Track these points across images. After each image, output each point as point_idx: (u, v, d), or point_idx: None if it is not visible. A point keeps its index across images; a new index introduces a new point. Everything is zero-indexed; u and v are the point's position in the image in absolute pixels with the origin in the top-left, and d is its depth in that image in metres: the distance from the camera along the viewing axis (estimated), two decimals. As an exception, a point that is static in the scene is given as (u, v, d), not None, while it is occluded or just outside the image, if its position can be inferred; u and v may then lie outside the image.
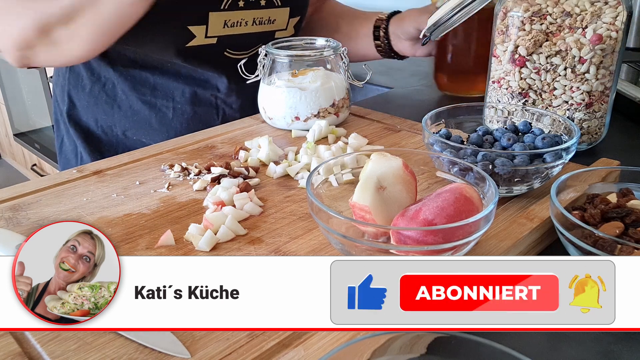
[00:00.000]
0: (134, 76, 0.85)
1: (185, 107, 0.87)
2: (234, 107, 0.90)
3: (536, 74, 0.68)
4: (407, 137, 0.75)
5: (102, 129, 0.88)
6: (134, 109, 0.86)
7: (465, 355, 0.31)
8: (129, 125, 0.87)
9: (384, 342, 0.32)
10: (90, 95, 0.87)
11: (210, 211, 0.55)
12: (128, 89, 0.85)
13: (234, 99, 0.89)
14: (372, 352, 0.31)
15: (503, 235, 0.49)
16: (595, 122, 0.70)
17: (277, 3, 0.87)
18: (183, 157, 0.69)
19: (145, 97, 0.86)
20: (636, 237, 0.46)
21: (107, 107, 0.86)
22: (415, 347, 0.32)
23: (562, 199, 0.51)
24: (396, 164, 0.47)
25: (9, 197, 0.59)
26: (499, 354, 0.30)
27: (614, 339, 0.41)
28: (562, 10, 0.65)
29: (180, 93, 0.87)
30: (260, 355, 0.38)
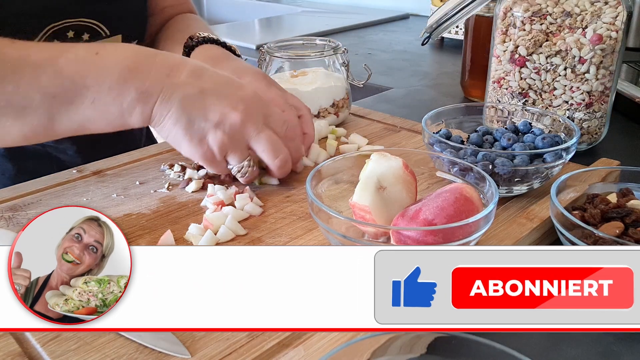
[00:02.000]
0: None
1: (4, 165, 0.72)
2: (69, 153, 0.76)
3: (536, 74, 0.68)
4: (407, 137, 0.75)
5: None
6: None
7: (465, 355, 0.31)
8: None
9: (384, 342, 0.32)
10: None
11: (210, 211, 0.55)
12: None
13: (67, 144, 0.74)
14: (372, 352, 0.31)
15: (503, 235, 0.49)
16: (595, 122, 0.70)
17: (104, 33, 0.70)
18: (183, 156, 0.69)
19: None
20: (636, 237, 0.46)
21: None
22: (415, 347, 0.32)
23: (562, 199, 0.51)
24: (396, 164, 0.47)
25: (9, 197, 0.59)
26: (499, 354, 0.30)
27: (614, 339, 0.41)
28: (562, 10, 0.65)
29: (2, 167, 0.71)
30: (260, 355, 0.38)
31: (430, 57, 1.35)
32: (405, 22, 1.79)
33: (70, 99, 0.49)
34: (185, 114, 0.51)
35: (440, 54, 1.38)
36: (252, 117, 0.54)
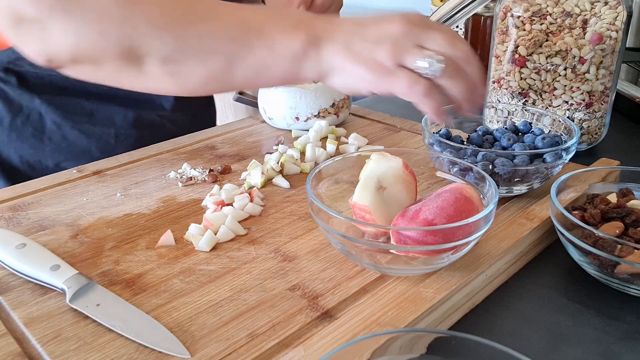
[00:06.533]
0: (65, 104, 0.77)
1: (129, 131, 0.80)
2: (179, 124, 0.85)
3: (536, 74, 0.68)
4: (407, 137, 0.75)
5: (27, 164, 0.77)
6: (68, 140, 0.77)
7: (465, 355, 0.31)
8: (64, 156, 0.78)
9: (384, 342, 0.32)
10: (11, 130, 0.76)
11: (210, 211, 0.55)
12: (60, 118, 0.76)
13: (179, 115, 0.84)
14: (372, 352, 0.31)
15: (503, 235, 0.49)
16: (595, 122, 0.70)
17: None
18: (183, 157, 0.69)
19: (81, 126, 0.78)
20: (636, 237, 0.46)
21: (35, 141, 0.77)
22: (415, 347, 0.32)
23: (562, 199, 0.51)
24: (396, 164, 0.47)
25: (9, 197, 0.59)
26: (499, 354, 0.30)
27: (614, 339, 0.42)
28: (562, 10, 0.65)
29: (122, 117, 0.80)
30: (260, 355, 0.38)
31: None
32: (405, 22, 1.78)
33: (249, 42, 0.52)
34: (350, 48, 0.52)
35: (440, 54, 1.38)
36: (415, 25, 0.52)
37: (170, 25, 0.51)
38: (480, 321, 0.44)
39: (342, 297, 0.43)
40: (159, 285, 0.45)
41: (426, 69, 0.49)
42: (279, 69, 0.53)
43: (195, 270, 0.47)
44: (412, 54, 0.50)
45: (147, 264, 0.48)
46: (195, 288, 0.45)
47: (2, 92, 0.75)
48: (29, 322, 0.41)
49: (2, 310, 0.43)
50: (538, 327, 0.43)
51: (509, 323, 0.43)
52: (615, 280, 0.45)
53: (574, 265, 0.49)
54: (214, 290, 0.44)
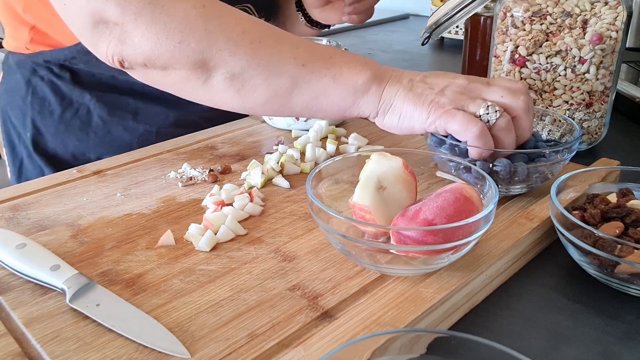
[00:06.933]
0: (112, 101, 0.81)
1: (169, 129, 0.82)
2: (215, 123, 0.86)
3: (536, 74, 0.68)
4: (407, 137, 0.75)
5: (72, 154, 0.82)
6: (112, 135, 0.81)
7: (465, 355, 0.31)
8: (106, 150, 0.81)
9: (384, 342, 0.32)
10: (60, 122, 0.80)
11: (210, 211, 0.55)
12: (106, 114, 0.80)
13: (216, 114, 0.85)
14: (372, 352, 0.31)
15: (503, 235, 0.49)
16: (595, 122, 0.70)
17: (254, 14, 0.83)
18: (183, 157, 0.69)
19: (125, 122, 0.81)
20: (636, 237, 0.46)
21: (81, 134, 0.81)
22: (415, 347, 0.32)
23: (562, 199, 0.51)
24: (396, 164, 0.47)
25: (9, 197, 0.59)
26: (499, 354, 0.30)
27: (614, 339, 0.41)
28: (562, 10, 0.65)
29: (164, 117, 0.83)
30: (260, 355, 0.38)
31: (431, 57, 1.35)
32: (405, 22, 1.79)
33: (317, 69, 0.54)
34: (412, 91, 0.54)
35: (440, 54, 1.38)
36: (478, 81, 0.55)
37: (247, 44, 0.53)
38: (480, 321, 0.44)
39: (342, 297, 0.43)
40: (159, 285, 0.45)
41: (483, 115, 0.52)
42: (337, 98, 0.55)
43: (195, 270, 0.47)
44: (473, 102, 0.53)
45: (147, 264, 0.48)
46: (195, 288, 0.45)
47: (56, 87, 0.80)
48: (28, 322, 0.41)
49: (2, 310, 0.43)
50: (538, 327, 0.43)
51: (509, 323, 0.43)
52: (615, 280, 0.45)
53: (574, 265, 0.49)
54: (214, 290, 0.44)
